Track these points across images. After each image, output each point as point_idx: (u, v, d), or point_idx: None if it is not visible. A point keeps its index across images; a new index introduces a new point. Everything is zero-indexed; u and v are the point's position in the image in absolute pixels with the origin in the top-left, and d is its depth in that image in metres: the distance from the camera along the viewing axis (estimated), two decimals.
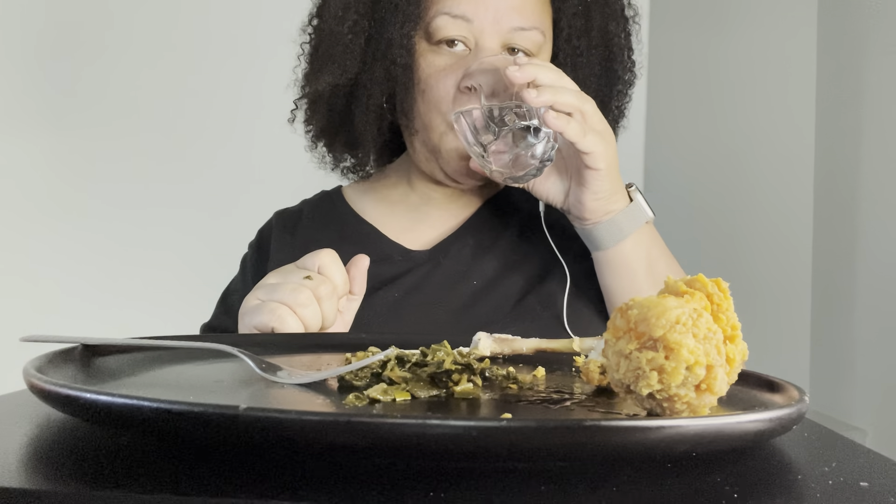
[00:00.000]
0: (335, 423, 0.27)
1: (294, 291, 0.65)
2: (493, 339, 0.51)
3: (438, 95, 0.80)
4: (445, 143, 0.82)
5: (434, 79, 0.81)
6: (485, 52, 0.80)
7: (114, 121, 1.62)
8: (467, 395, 0.41)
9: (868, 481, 0.31)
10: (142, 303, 1.60)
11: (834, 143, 1.91)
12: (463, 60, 0.80)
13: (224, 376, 0.45)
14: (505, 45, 0.81)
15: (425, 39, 0.82)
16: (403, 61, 0.81)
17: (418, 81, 0.82)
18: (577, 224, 0.80)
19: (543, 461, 0.30)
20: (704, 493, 0.29)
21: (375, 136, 0.88)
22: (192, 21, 1.63)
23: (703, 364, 0.34)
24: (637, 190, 0.79)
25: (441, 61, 0.81)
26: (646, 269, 0.79)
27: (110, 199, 1.62)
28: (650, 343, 0.35)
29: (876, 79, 1.73)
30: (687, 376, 0.34)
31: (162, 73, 1.62)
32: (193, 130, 1.62)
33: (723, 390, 0.36)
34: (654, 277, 0.79)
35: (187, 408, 0.28)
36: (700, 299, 0.37)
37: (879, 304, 1.69)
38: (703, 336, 0.35)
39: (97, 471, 0.29)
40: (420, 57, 0.82)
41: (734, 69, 2.01)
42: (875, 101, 1.74)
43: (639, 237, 0.79)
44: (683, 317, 0.35)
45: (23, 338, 0.50)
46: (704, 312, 0.36)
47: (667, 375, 0.34)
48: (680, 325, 0.35)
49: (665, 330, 0.34)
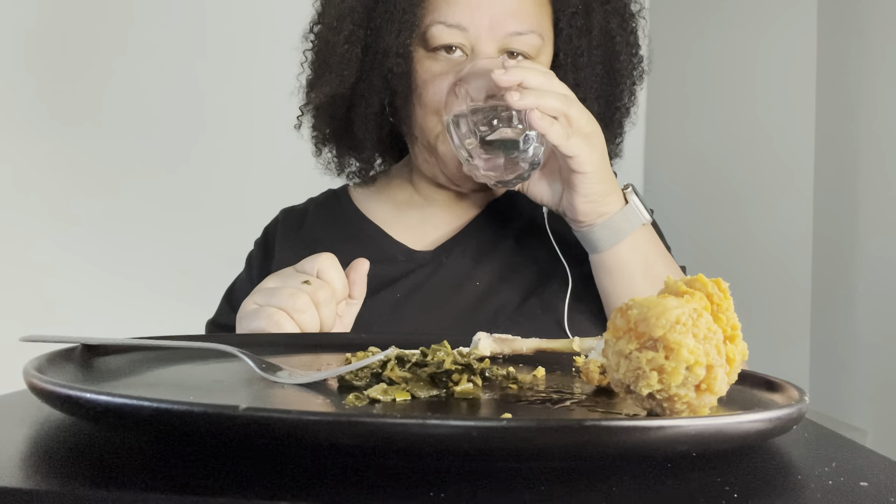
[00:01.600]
0: (335, 423, 0.27)
1: (291, 296, 0.65)
2: (493, 339, 0.51)
3: (433, 100, 0.81)
4: (442, 148, 0.82)
5: (430, 84, 0.81)
6: (481, 57, 0.79)
7: (114, 121, 1.62)
8: (467, 395, 0.41)
9: (868, 481, 0.31)
10: (142, 303, 1.59)
11: (834, 144, 1.91)
12: (459, 65, 0.80)
13: (224, 376, 0.45)
14: (502, 49, 0.81)
15: (422, 47, 0.82)
16: (400, 69, 0.81)
17: (415, 87, 0.82)
18: (572, 227, 0.80)
19: (543, 461, 0.30)
20: (704, 493, 0.29)
21: (375, 143, 0.89)
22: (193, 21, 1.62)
23: (703, 364, 0.34)
24: (633, 192, 0.79)
25: (438, 67, 0.81)
26: (643, 271, 0.78)
27: (110, 199, 1.62)
28: (650, 343, 0.35)
29: (876, 79, 1.73)
30: (687, 376, 0.34)
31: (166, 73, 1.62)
32: (196, 131, 1.62)
33: (723, 390, 0.36)
34: (652, 280, 0.78)
35: (187, 408, 0.28)
36: (700, 299, 0.37)
37: (879, 304, 1.69)
38: (703, 336, 0.35)
39: (97, 471, 0.29)
40: (417, 64, 0.82)
41: (734, 69, 2.01)
42: (875, 101, 1.74)
43: (635, 239, 0.78)
44: (683, 317, 0.35)
45: (23, 338, 0.50)
46: (704, 312, 0.36)
47: (667, 375, 0.34)
48: (680, 325, 0.35)
49: (665, 330, 0.34)
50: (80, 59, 1.61)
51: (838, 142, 1.89)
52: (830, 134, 1.93)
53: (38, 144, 1.60)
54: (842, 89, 1.88)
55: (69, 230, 1.61)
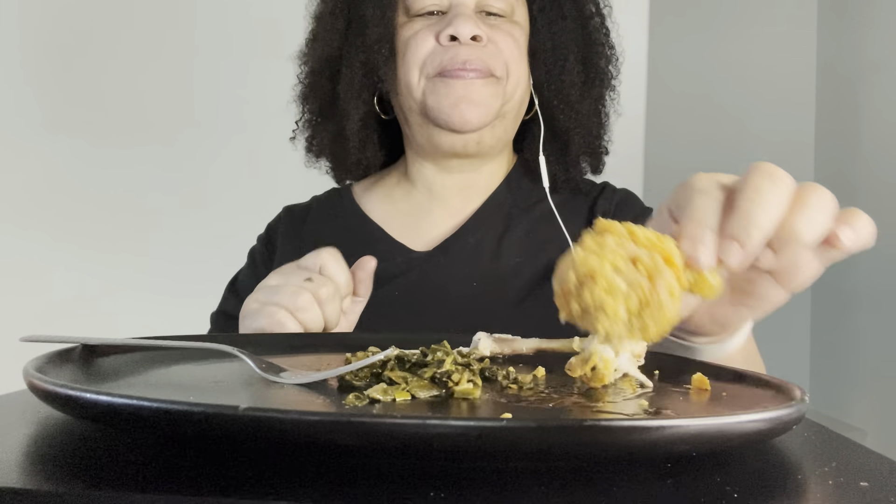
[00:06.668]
0: (335, 423, 0.27)
1: (294, 294, 0.64)
2: (493, 339, 0.51)
3: (416, 55, 0.85)
4: (430, 100, 0.84)
5: (413, 39, 0.85)
6: (459, 8, 0.85)
7: (114, 122, 1.62)
8: (467, 395, 0.40)
9: (868, 481, 0.31)
10: (142, 303, 1.59)
11: (834, 143, 1.91)
12: (441, 19, 0.85)
13: (224, 376, 0.45)
14: (479, 8, 0.86)
15: (405, 14, 0.88)
16: (383, 35, 0.86)
17: (399, 47, 0.87)
18: (686, 340, 0.58)
19: (543, 461, 0.30)
20: (704, 493, 0.29)
21: (360, 130, 0.91)
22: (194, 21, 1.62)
23: (622, 269, 0.37)
24: None
25: (419, 24, 0.86)
26: (742, 361, 0.59)
27: (110, 199, 1.62)
28: (581, 289, 0.38)
29: (876, 79, 1.73)
30: (623, 291, 0.37)
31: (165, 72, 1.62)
32: (196, 131, 1.62)
33: (676, 293, 0.38)
34: (746, 363, 0.60)
35: (187, 408, 0.28)
36: (616, 233, 0.40)
37: (879, 304, 1.69)
38: (611, 252, 0.38)
39: (97, 471, 0.29)
40: (400, 28, 0.87)
41: (734, 69, 2.01)
42: (875, 101, 1.74)
43: (744, 342, 0.60)
44: (589, 258, 0.38)
45: (23, 338, 0.50)
46: (605, 237, 0.39)
47: (608, 299, 0.37)
48: (587, 256, 0.38)
49: (578, 274, 0.38)
50: (79, 59, 1.61)
51: (838, 141, 1.89)
52: (830, 133, 1.93)
53: (38, 146, 1.60)
54: (842, 89, 1.88)
55: (69, 230, 1.60)
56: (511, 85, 0.86)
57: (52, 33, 1.61)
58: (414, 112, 0.87)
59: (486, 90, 0.84)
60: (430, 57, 0.84)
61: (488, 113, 0.84)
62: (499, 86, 0.85)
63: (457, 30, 0.82)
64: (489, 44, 0.84)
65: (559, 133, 0.92)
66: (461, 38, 0.83)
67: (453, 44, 0.83)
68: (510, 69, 0.86)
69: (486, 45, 0.84)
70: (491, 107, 0.84)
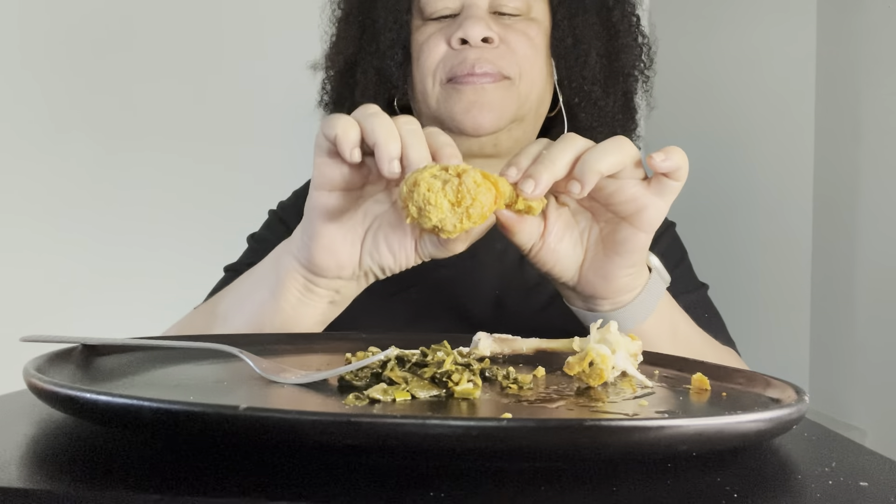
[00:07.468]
0: (335, 423, 0.27)
1: None
2: (493, 339, 0.51)
3: (429, 60, 0.84)
4: (444, 103, 0.83)
5: (426, 44, 0.84)
6: (470, 10, 0.83)
7: (116, 121, 1.62)
8: (467, 395, 0.41)
9: (868, 481, 0.31)
10: (142, 303, 1.59)
11: (834, 143, 1.91)
12: (454, 22, 0.84)
13: (224, 376, 0.45)
14: (492, 8, 0.84)
15: (420, 17, 0.87)
16: (396, 39, 0.86)
17: (413, 52, 0.86)
18: (586, 309, 0.64)
19: (543, 461, 0.30)
20: (704, 493, 0.29)
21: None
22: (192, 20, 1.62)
23: (438, 175, 0.48)
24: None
25: (433, 28, 0.85)
26: (671, 339, 0.65)
27: (110, 199, 1.62)
28: (411, 195, 0.48)
29: (876, 78, 1.73)
30: (443, 188, 0.48)
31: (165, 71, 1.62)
32: (196, 131, 1.62)
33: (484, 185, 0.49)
34: (679, 343, 0.66)
35: (187, 408, 0.28)
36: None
37: (879, 304, 1.69)
38: (431, 168, 0.49)
39: (97, 471, 0.29)
40: (415, 32, 0.87)
41: (734, 68, 2.01)
42: (875, 101, 1.74)
43: (660, 308, 0.64)
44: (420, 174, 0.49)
45: (23, 338, 0.50)
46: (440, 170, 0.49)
47: (430, 195, 0.47)
48: (413, 173, 0.49)
49: (408, 184, 0.48)
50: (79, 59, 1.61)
51: (838, 141, 1.89)
52: (830, 133, 1.93)
53: (38, 145, 1.60)
54: (842, 88, 1.88)
55: (69, 230, 1.60)
56: (525, 86, 0.84)
57: (53, 32, 1.61)
58: (430, 119, 0.86)
59: (499, 93, 0.82)
60: (442, 62, 0.82)
61: (502, 116, 0.82)
62: (512, 88, 0.83)
63: (466, 32, 0.80)
64: (501, 45, 0.82)
65: (582, 131, 0.90)
66: (471, 41, 0.80)
67: (464, 47, 0.81)
68: (524, 70, 0.83)
69: (497, 47, 0.82)
70: (505, 109, 0.82)
